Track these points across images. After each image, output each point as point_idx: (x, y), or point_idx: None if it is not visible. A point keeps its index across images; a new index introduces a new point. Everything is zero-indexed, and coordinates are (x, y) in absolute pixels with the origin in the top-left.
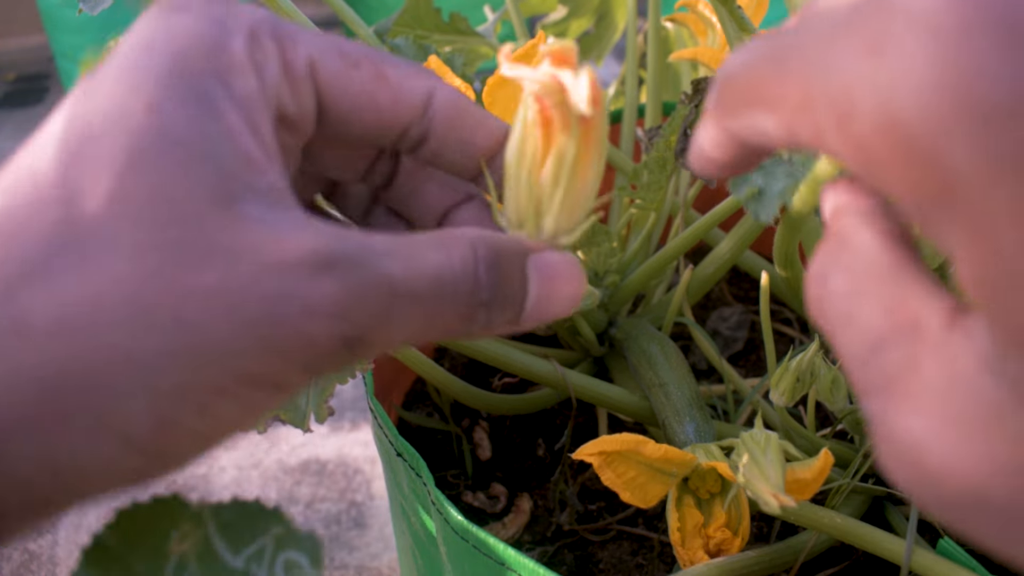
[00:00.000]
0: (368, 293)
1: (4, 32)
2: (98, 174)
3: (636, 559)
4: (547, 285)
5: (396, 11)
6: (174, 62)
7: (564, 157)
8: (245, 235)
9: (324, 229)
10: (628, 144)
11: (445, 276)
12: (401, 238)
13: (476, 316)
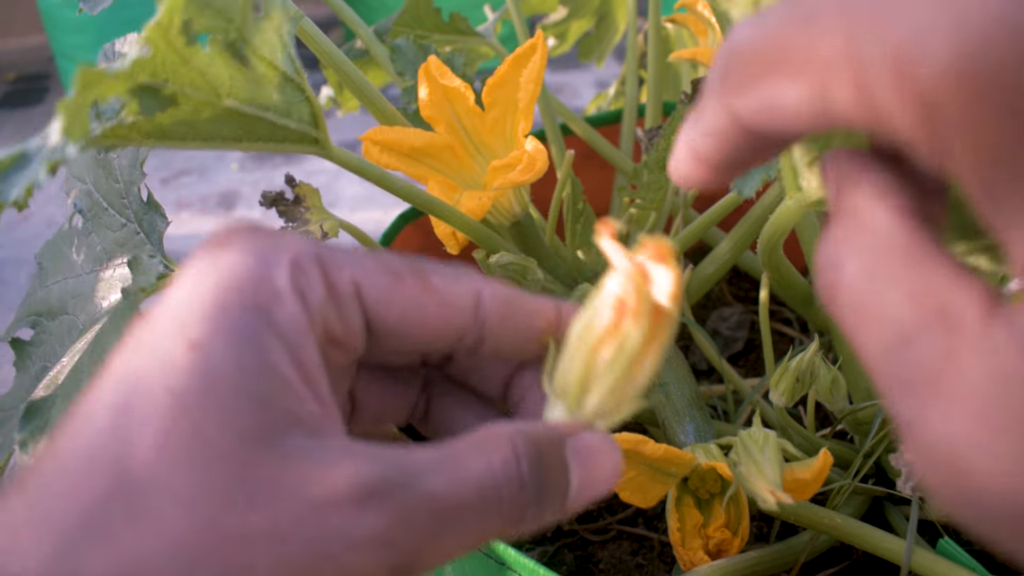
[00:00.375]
0: (414, 517)
1: (4, 32)
2: (145, 424)
3: (636, 559)
4: (588, 470)
5: (396, 11)
6: (216, 300)
7: (627, 343)
8: (288, 472)
9: (366, 454)
10: (628, 144)
11: (488, 483)
12: (443, 448)
13: (526, 516)
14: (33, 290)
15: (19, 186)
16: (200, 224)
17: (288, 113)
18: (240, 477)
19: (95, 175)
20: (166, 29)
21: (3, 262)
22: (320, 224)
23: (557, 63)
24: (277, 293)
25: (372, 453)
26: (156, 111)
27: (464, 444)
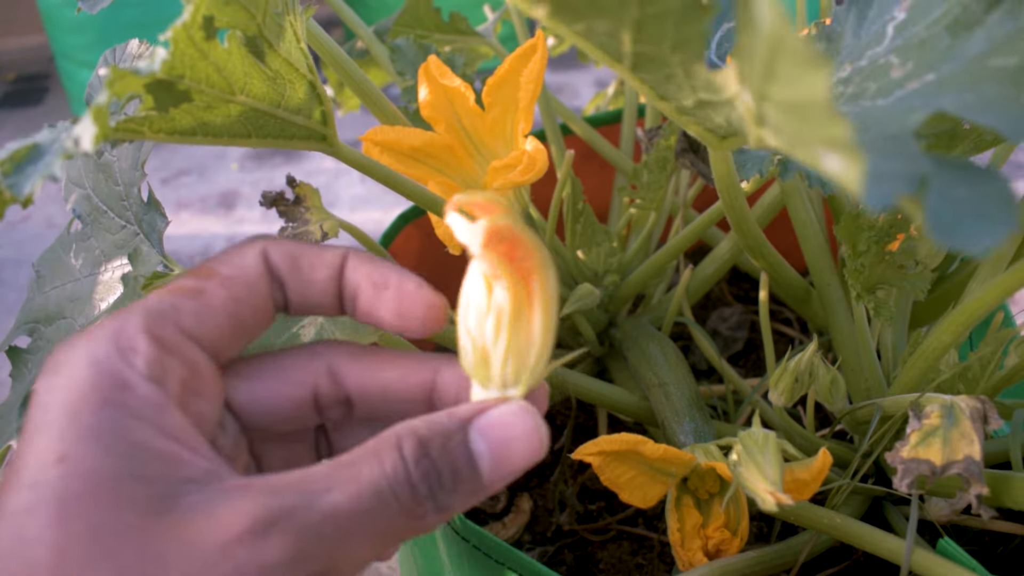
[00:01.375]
0: (319, 532)
1: (4, 32)
2: (41, 541)
3: (636, 559)
4: (500, 446)
5: (396, 11)
6: (72, 408)
7: (501, 308)
8: (190, 526)
9: (262, 487)
10: (628, 144)
11: (383, 487)
12: (339, 462)
13: (425, 510)
14: (31, 298)
15: (32, 179)
16: (200, 224)
17: (299, 110)
18: (146, 549)
19: (94, 179)
20: (189, 27)
21: (3, 262)
22: (320, 224)
23: (557, 63)
24: (124, 382)
25: (268, 484)
26: (170, 106)
27: (359, 452)
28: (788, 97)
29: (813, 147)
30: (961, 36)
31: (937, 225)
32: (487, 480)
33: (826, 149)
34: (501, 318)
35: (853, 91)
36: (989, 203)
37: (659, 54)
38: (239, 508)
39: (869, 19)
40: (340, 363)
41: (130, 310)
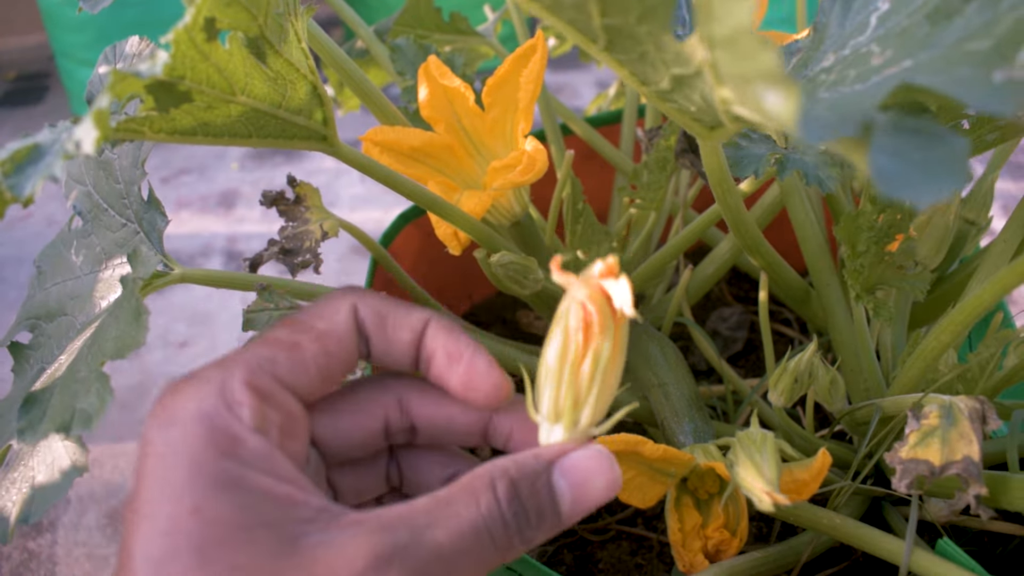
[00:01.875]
0: (427, 568)
1: (4, 31)
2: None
3: (635, 559)
4: (579, 488)
5: (396, 11)
6: (192, 461)
7: (601, 356)
8: (317, 566)
9: (374, 523)
10: (628, 144)
11: (480, 527)
12: (436, 499)
13: (513, 544)
14: (32, 294)
15: (33, 179)
16: (200, 223)
17: (300, 111)
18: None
19: (95, 177)
20: (191, 28)
21: (3, 260)
22: (320, 223)
23: (557, 63)
24: (235, 436)
25: (379, 521)
26: (170, 107)
27: (454, 491)
28: (722, 33)
29: (754, 86)
30: (940, 25)
31: (880, 173)
32: (566, 517)
33: (764, 86)
34: (598, 364)
35: (834, 79)
36: (940, 160)
37: (627, 26)
38: (358, 545)
39: (854, 10)
40: (408, 396)
41: (233, 362)
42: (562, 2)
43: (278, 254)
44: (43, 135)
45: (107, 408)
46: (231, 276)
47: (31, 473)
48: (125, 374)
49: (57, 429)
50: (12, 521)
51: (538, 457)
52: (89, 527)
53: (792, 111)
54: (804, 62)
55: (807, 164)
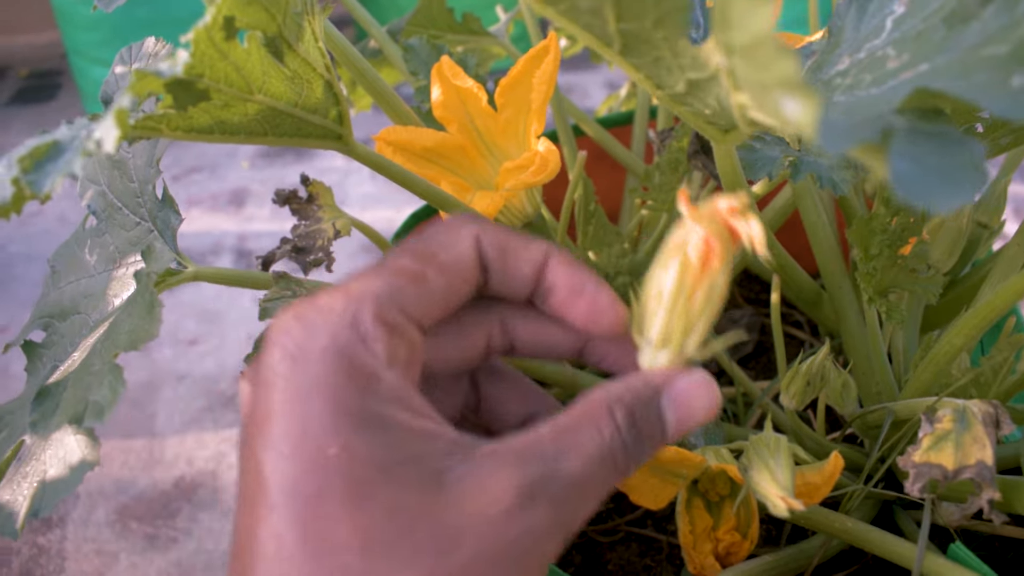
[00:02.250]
0: (566, 498)
1: (17, 28)
2: (339, 521)
3: (644, 560)
4: (684, 411)
5: (409, 11)
6: (333, 397)
7: (714, 289)
8: (467, 502)
9: (508, 456)
10: (640, 145)
11: (606, 453)
12: (560, 426)
13: (630, 467)
14: (46, 293)
15: (52, 176)
16: (210, 221)
17: (316, 109)
18: (436, 524)
19: (109, 176)
20: (210, 28)
21: (15, 258)
22: (332, 222)
23: (568, 64)
24: (372, 373)
25: (514, 452)
26: (188, 105)
27: (576, 419)
28: (742, 41)
29: (773, 94)
30: (957, 28)
31: (899, 179)
32: (669, 440)
33: (783, 93)
34: (714, 291)
35: (850, 82)
36: (958, 166)
37: (643, 31)
38: (500, 479)
39: (869, 13)
40: (512, 318)
41: (361, 292)
42: (578, 7)
43: (290, 252)
44: (61, 132)
45: (119, 399)
46: (243, 274)
47: (42, 467)
48: (135, 371)
49: (69, 421)
50: (22, 516)
51: (648, 383)
52: (99, 523)
53: (811, 119)
54: (819, 65)
55: (821, 166)
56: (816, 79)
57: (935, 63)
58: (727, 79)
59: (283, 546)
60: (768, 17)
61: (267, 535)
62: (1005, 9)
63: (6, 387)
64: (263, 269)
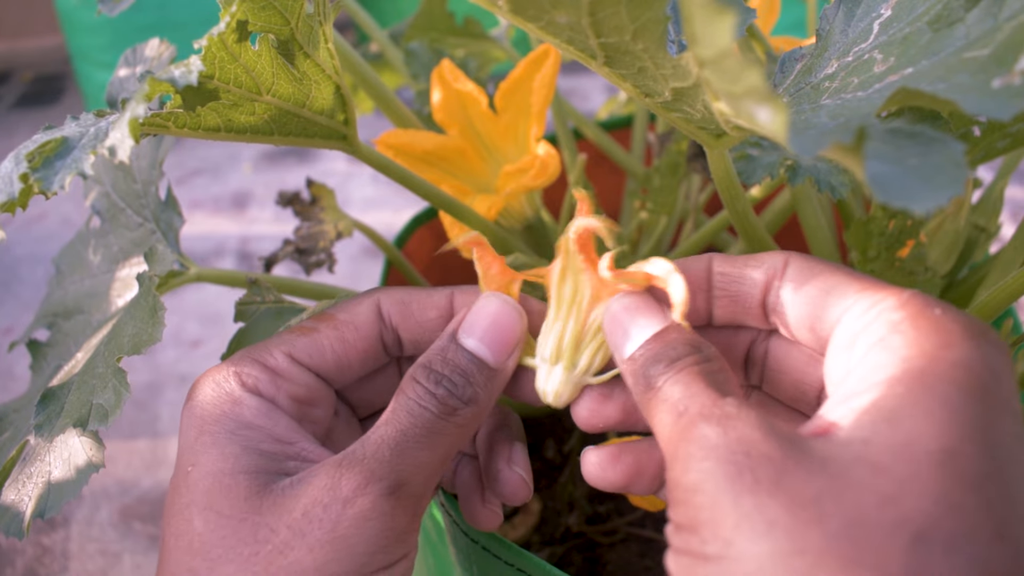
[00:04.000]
0: (377, 456)
1: (21, 32)
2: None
3: (644, 561)
4: (487, 333)
5: (409, 15)
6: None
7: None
8: (287, 500)
9: (337, 458)
10: (639, 149)
11: (412, 407)
12: (382, 417)
13: (454, 406)
14: (50, 292)
15: (62, 174)
16: (213, 223)
17: (323, 111)
18: (255, 520)
19: (113, 177)
20: (224, 35)
21: (19, 260)
22: (335, 224)
23: (568, 67)
24: (235, 399)
25: (344, 453)
26: (197, 105)
27: (392, 403)
28: (708, 54)
29: (745, 103)
30: (942, 32)
31: (876, 180)
32: (495, 362)
33: (754, 103)
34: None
35: (837, 86)
36: (937, 166)
37: (623, 43)
38: (317, 482)
39: (857, 17)
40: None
41: (255, 347)
42: (557, 22)
43: (293, 253)
44: (69, 128)
45: (124, 404)
46: (245, 276)
47: (47, 469)
48: (138, 372)
49: (74, 424)
50: (27, 517)
51: (442, 336)
52: (102, 523)
53: (781, 127)
54: (808, 68)
55: (819, 170)
56: (805, 82)
57: (920, 66)
58: (708, 92)
59: (165, 548)
60: (730, 30)
61: (164, 534)
62: (989, 13)
63: (10, 388)
64: (265, 270)
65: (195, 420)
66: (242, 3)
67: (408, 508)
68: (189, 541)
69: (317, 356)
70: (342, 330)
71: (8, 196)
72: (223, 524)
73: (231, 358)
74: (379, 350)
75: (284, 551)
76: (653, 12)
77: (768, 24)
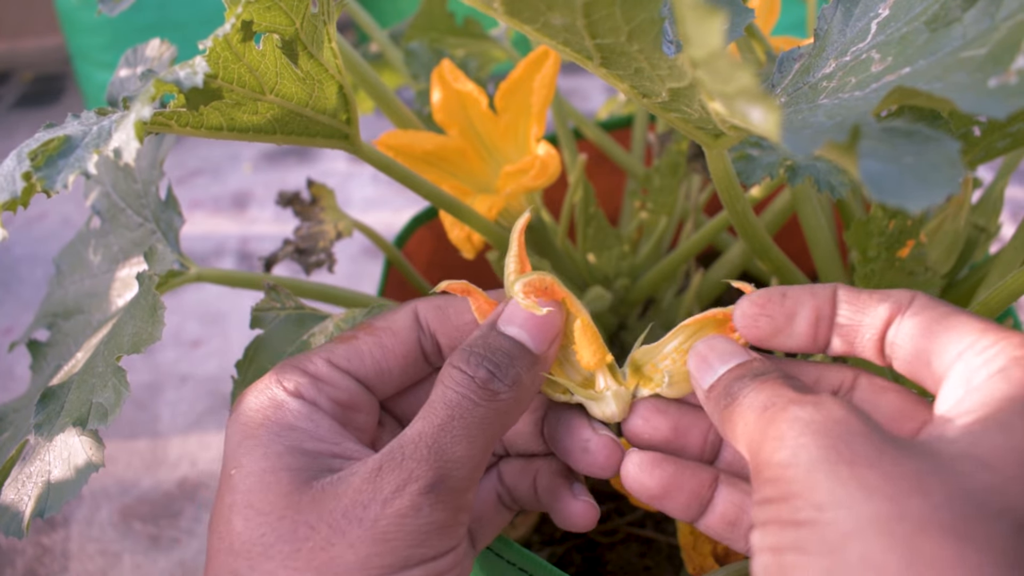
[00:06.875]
0: (414, 454)
1: (22, 32)
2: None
3: (644, 561)
4: (526, 322)
5: (409, 15)
6: (244, 427)
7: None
8: (327, 498)
9: (372, 459)
10: (639, 148)
11: (454, 399)
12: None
13: (496, 389)
14: (51, 292)
15: (65, 173)
16: (213, 223)
17: (325, 110)
18: (295, 516)
19: (114, 177)
20: (230, 36)
21: (19, 260)
22: (335, 223)
23: (568, 67)
24: (279, 403)
25: (379, 454)
26: (200, 104)
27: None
28: (700, 55)
29: (738, 103)
30: (939, 32)
31: (870, 179)
32: (537, 348)
33: (747, 103)
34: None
35: (835, 85)
36: (932, 164)
37: (618, 44)
38: (355, 479)
39: (855, 16)
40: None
41: (292, 357)
42: (552, 24)
43: (293, 253)
44: (71, 127)
45: (123, 403)
46: (246, 276)
47: (47, 468)
48: (138, 372)
49: (74, 423)
50: (27, 516)
51: (480, 327)
52: (102, 523)
53: (774, 126)
54: (807, 68)
55: (819, 170)
56: (803, 82)
57: (917, 66)
58: (703, 92)
59: (209, 553)
60: (720, 31)
61: (209, 540)
62: (986, 13)
63: (10, 388)
64: (265, 270)
65: (239, 427)
66: (248, 4)
67: (449, 503)
68: (230, 543)
69: (356, 361)
70: (380, 336)
71: (11, 195)
72: (262, 522)
73: (273, 368)
74: (419, 356)
75: (325, 547)
76: (648, 13)
77: (768, 24)
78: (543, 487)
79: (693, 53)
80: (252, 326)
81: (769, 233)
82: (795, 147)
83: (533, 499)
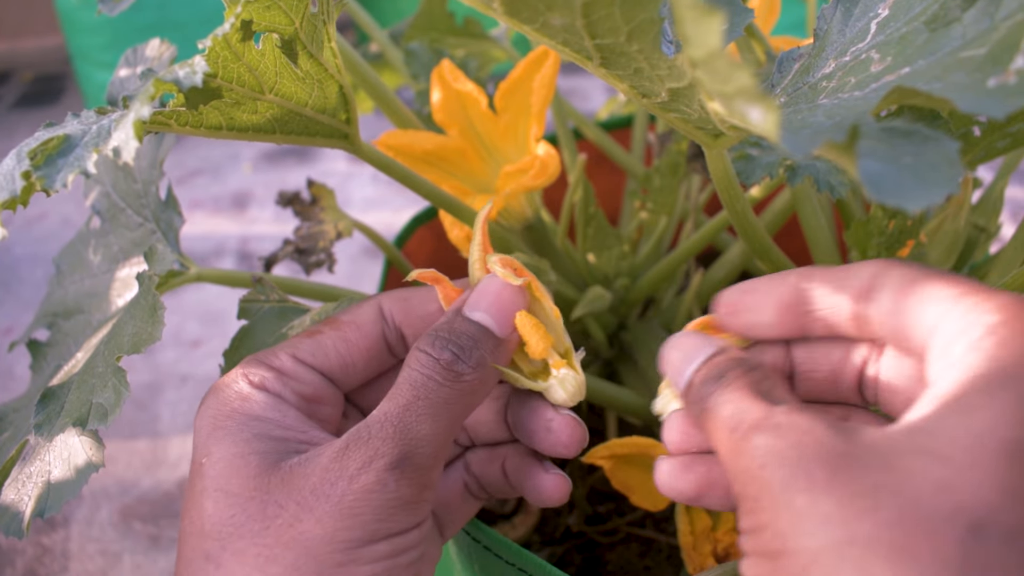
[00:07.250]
0: (380, 431)
1: (22, 32)
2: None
3: (644, 561)
4: (491, 306)
5: (409, 15)
6: (212, 417)
7: None
8: (295, 478)
9: (338, 440)
10: (639, 149)
11: (419, 380)
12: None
13: (460, 370)
14: (51, 292)
15: (64, 172)
16: (213, 223)
17: (324, 109)
18: (264, 496)
19: (114, 177)
20: (229, 36)
21: (20, 260)
22: (335, 223)
23: (568, 67)
24: (244, 395)
25: (343, 438)
26: (200, 104)
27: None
28: (699, 55)
29: (737, 103)
30: (939, 32)
31: (869, 178)
32: (501, 332)
33: (746, 103)
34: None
35: (835, 85)
36: (931, 164)
37: (618, 45)
38: (320, 459)
39: (854, 16)
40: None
41: (257, 353)
42: (551, 24)
43: (293, 253)
44: (71, 126)
45: (123, 403)
46: (245, 276)
47: (47, 468)
48: (138, 372)
49: (74, 423)
50: (27, 516)
51: (447, 313)
52: (102, 523)
53: (773, 126)
54: (806, 68)
55: (819, 170)
56: (803, 82)
57: (916, 66)
58: (703, 92)
59: (180, 538)
60: (719, 31)
61: (181, 526)
62: (985, 13)
63: (10, 388)
64: (265, 270)
65: (208, 419)
66: (247, 3)
67: (414, 479)
68: (201, 525)
69: (321, 356)
70: (344, 330)
71: (10, 194)
72: (232, 503)
73: (239, 363)
74: (383, 349)
75: (293, 523)
76: (647, 13)
77: (768, 24)
78: (512, 469)
79: (692, 53)
80: (239, 317)
81: (769, 233)
82: (794, 147)
83: (504, 484)
